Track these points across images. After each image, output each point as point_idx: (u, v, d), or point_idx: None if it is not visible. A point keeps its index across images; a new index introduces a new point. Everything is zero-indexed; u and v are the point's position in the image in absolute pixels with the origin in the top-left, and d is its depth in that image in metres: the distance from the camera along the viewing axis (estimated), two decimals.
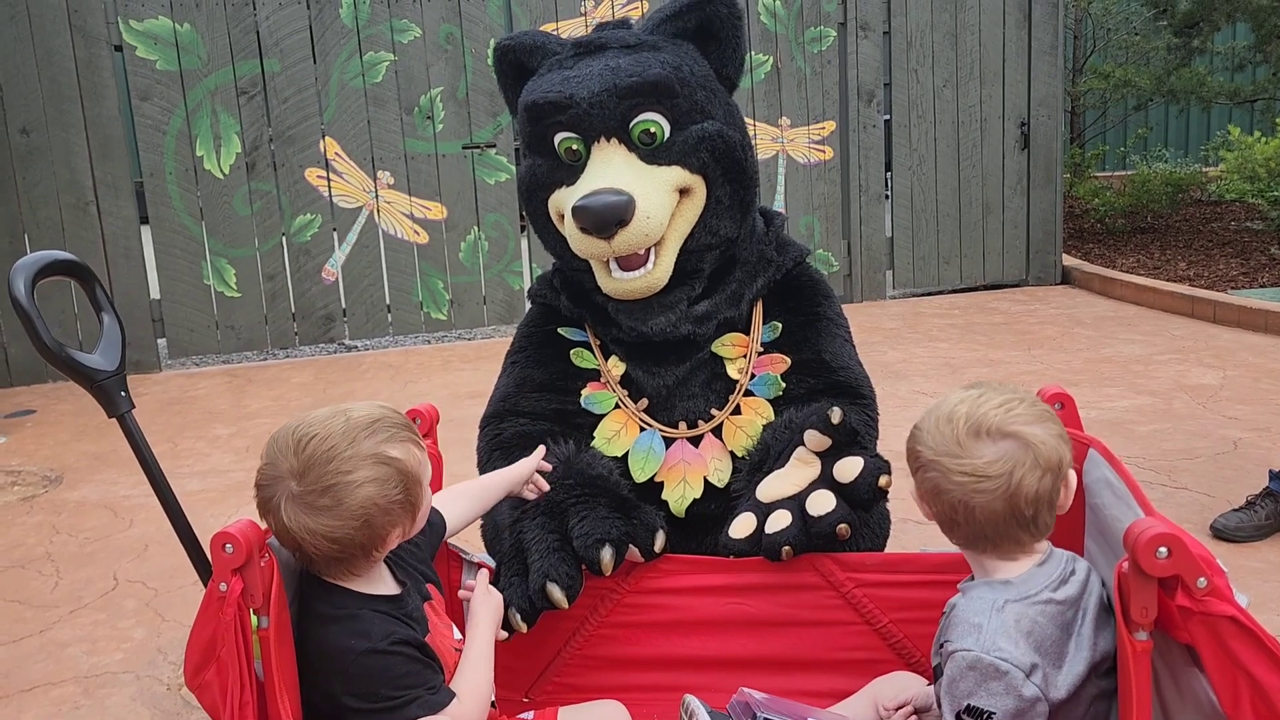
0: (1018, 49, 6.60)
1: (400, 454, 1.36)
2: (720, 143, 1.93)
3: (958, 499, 1.28)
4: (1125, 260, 6.98)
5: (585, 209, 1.82)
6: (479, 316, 6.17)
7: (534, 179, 2.02)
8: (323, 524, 1.31)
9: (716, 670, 1.74)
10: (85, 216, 5.57)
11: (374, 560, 1.39)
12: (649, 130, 1.90)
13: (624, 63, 1.90)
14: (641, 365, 2.03)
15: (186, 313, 5.78)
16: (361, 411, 1.38)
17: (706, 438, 1.99)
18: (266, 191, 5.80)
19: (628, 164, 1.89)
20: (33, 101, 5.42)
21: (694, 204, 1.95)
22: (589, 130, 1.91)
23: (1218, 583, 1.06)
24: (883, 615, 1.71)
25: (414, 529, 1.42)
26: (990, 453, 1.27)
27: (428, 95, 5.92)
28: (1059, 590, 1.29)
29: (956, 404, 1.31)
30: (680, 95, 1.90)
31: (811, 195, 6.50)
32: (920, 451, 1.31)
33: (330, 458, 1.31)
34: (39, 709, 2.42)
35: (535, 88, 1.98)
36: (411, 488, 1.37)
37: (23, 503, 3.82)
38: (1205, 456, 3.56)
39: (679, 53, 1.96)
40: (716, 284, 2.03)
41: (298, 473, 1.32)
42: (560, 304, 2.12)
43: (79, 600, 2.98)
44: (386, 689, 1.32)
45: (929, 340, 5.53)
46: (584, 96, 1.88)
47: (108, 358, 1.49)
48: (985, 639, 1.24)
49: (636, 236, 1.84)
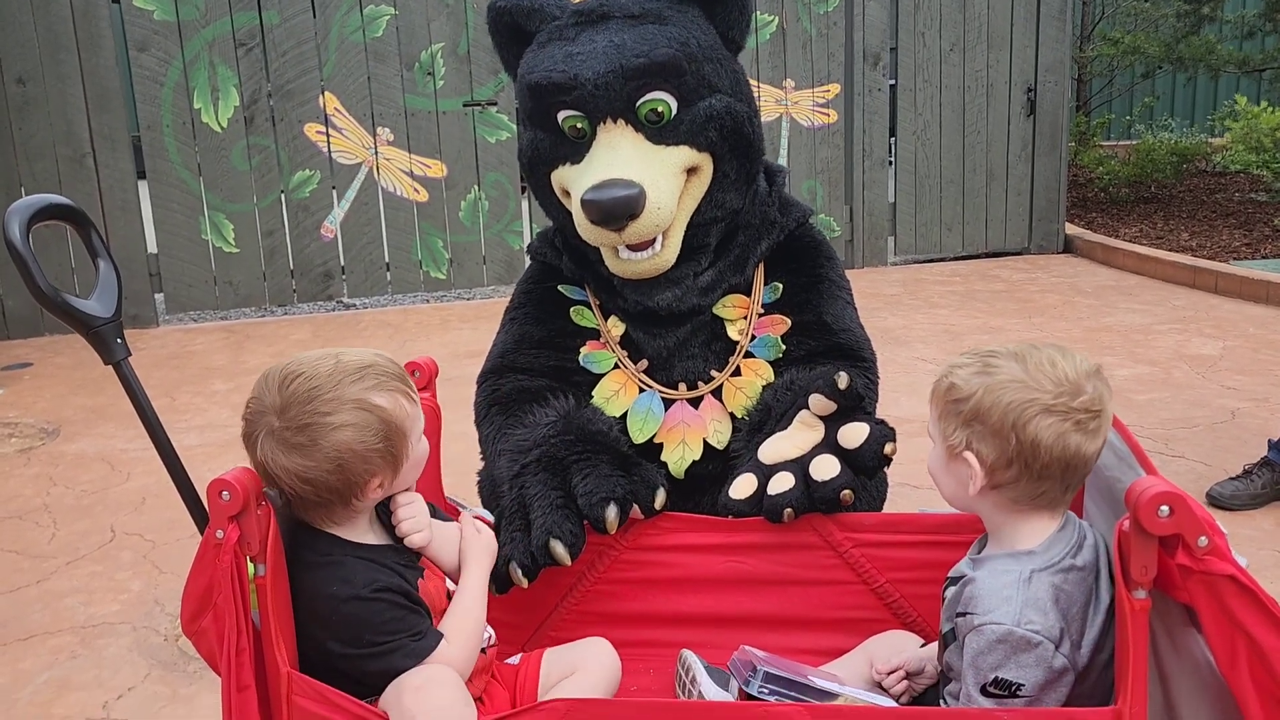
0: (1026, 14, 6.53)
1: (385, 403, 1.35)
2: (729, 119, 1.89)
3: (1078, 443, 1.26)
4: (1128, 230, 6.95)
5: (596, 204, 1.78)
6: (478, 276, 6.14)
7: (536, 153, 1.97)
8: (296, 463, 1.31)
9: (713, 627, 1.74)
10: (82, 169, 5.52)
11: (355, 510, 1.39)
12: (656, 110, 1.85)
13: (629, 39, 1.84)
14: (642, 327, 2.01)
15: (184, 268, 5.75)
16: (353, 356, 1.38)
17: (706, 399, 1.98)
18: (265, 146, 5.75)
19: (635, 147, 1.84)
20: (29, 51, 5.36)
21: (700, 181, 1.92)
22: (594, 111, 1.86)
23: (1219, 542, 1.05)
24: (880, 575, 1.71)
25: (397, 482, 1.40)
26: (1094, 389, 1.29)
27: (429, 51, 5.85)
28: (1078, 556, 1.29)
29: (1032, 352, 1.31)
30: (688, 73, 1.85)
31: (814, 159, 6.45)
32: (1036, 399, 1.26)
33: (311, 397, 1.32)
34: (36, 658, 2.43)
35: (536, 64, 1.92)
36: (394, 438, 1.35)
37: (20, 454, 3.82)
38: (1203, 426, 3.56)
39: (685, 23, 1.89)
40: (721, 251, 2.01)
41: (279, 409, 1.33)
42: (562, 264, 2.09)
43: (76, 552, 2.98)
44: (370, 634, 1.32)
45: (929, 307, 5.51)
46: (589, 77, 1.82)
47: (104, 304, 1.48)
48: (1016, 611, 1.23)
49: (647, 227, 1.81)
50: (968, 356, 1.36)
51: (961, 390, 1.31)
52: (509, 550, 1.67)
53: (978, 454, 1.30)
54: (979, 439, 1.29)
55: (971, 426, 1.30)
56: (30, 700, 2.26)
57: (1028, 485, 1.29)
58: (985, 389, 1.29)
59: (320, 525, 1.39)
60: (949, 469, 1.35)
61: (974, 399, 1.29)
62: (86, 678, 2.34)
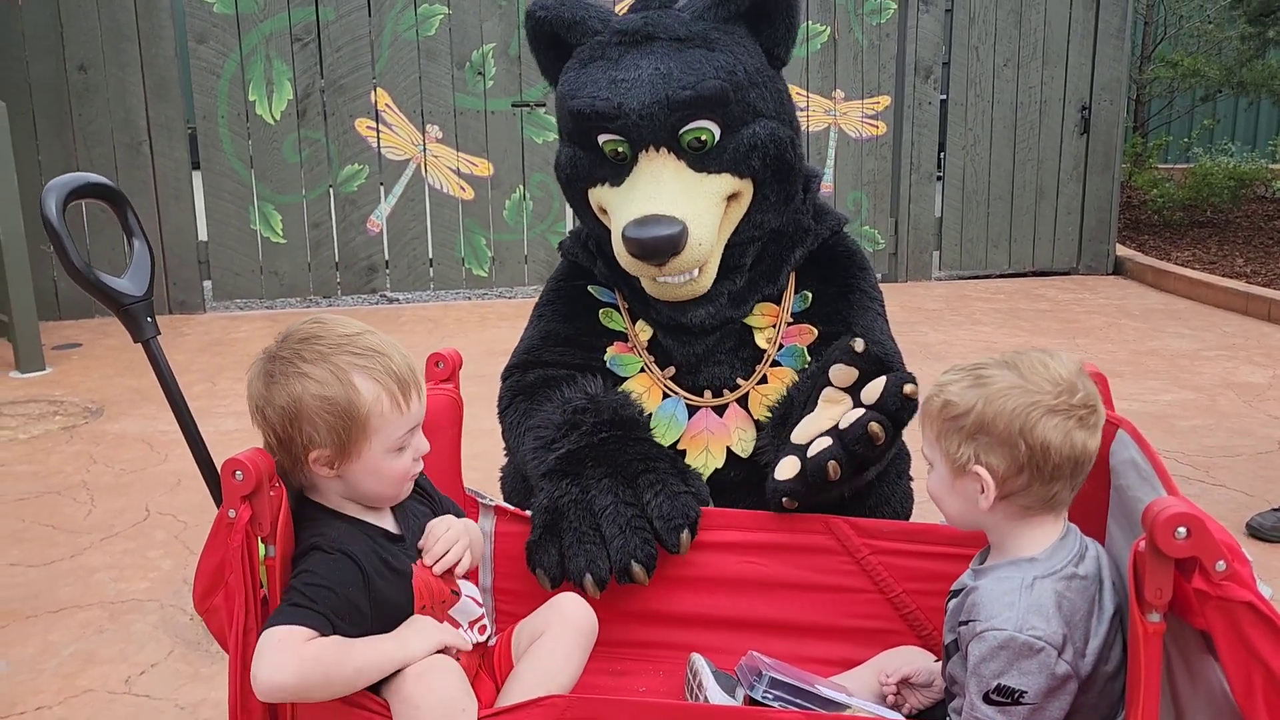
0: (1084, 30, 6.43)
1: (363, 388, 1.32)
2: (772, 147, 1.87)
3: (1083, 439, 1.27)
4: (1181, 253, 6.81)
5: (638, 241, 1.76)
6: (519, 275, 6.18)
7: (575, 170, 1.95)
8: (259, 391, 1.34)
9: (725, 630, 1.73)
10: (138, 157, 5.63)
11: (307, 479, 1.37)
12: (699, 138, 1.83)
13: (676, 68, 1.80)
14: (671, 334, 2.00)
15: (232, 256, 5.85)
16: (375, 339, 1.37)
17: (731, 407, 1.96)
18: (315, 140, 5.83)
19: (677, 177, 1.82)
20: (91, 39, 5.48)
21: (740, 206, 1.90)
22: (637, 138, 1.84)
23: (1238, 568, 1.02)
24: (897, 585, 1.68)
25: (346, 474, 1.35)
26: (1087, 386, 1.30)
27: (480, 51, 5.90)
28: (1080, 565, 1.28)
29: (1021, 359, 1.31)
30: (733, 102, 1.83)
31: (861, 170, 6.40)
32: (1039, 401, 1.25)
33: (306, 342, 1.34)
34: (65, 630, 2.48)
35: (579, 87, 1.88)
36: (351, 424, 1.31)
37: (63, 431, 3.90)
38: (1246, 455, 3.48)
39: (732, 46, 1.86)
40: (755, 264, 1.99)
41: (282, 337, 1.36)
42: (595, 268, 2.08)
43: (110, 529, 3.04)
44: (297, 581, 1.30)
45: (971, 323, 5.45)
46: (634, 107, 1.80)
47: (136, 283, 1.50)
48: (1019, 617, 1.22)
49: (687, 262, 1.81)
50: (954, 373, 1.35)
51: (959, 406, 1.30)
52: (582, 564, 1.65)
53: (988, 466, 1.28)
54: (986, 451, 1.28)
55: (977, 439, 1.29)
56: (56, 671, 2.31)
57: (1040, 489, 1.28)
58: (985, 400, 1.28)
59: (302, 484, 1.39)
60: (955, 488, 1.33)
61: (974, 412, 1.28)
62: (112, 652, 2.38)
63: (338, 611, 1.28)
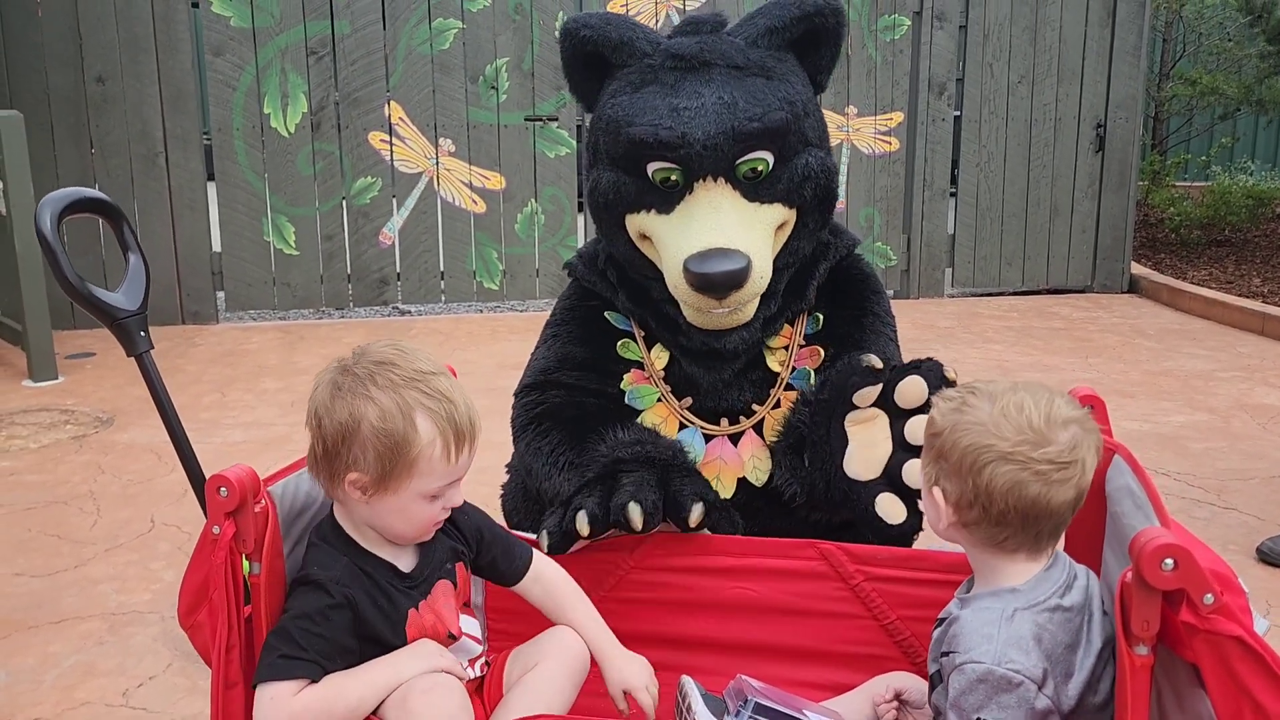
0: (1099, 48, 6.41)
1: (423, 429, 1.32)
2: (823, 178, 1.87)
3: (1037, 492, 1.22)
4: (1197, 272, 6.76)
5: (705, 276, 1.73)
6: (531, 289, 6.18)
7: (618, 196, 1.89)
8: (323, 399, 1.33)
9: (717, 653, 1.71)
10: (154, 167, 5.68)
11: (341, 499, 1.37)
12: (755, 168, 1.82)
13: (740, 98, 1.78)
14: (697, 360, 1.96)
15: (245, 268, 5.88)
16: (445, 382, 1.36)
17: (747, 434, 1.94)
18: (329, 152, 5.86)
19: (734, 208, 1.80)
20: (109, 51, 5.54)
21: (784, 234, 1.90)
22: (695, 169, 1.80)
23: (1227, 601, 1.00)
24: (890, 611, 1.67)
25: (375, 504, 1.35)
26: (1065, 438, 1.23)
27: (493, 65, 5.93)
28: (1065, 596, 1.26)
29: (1007, 394, 1.26)
30: (792, 133, 1.82)
31: (874, 187, 6.39)
32: (992, 445, 1.22)
33: (381, 367, 1.33)
34: (65, 641, 2.48)
35: (636, 114, 1.82)
36: (398, 459, 1.31)
37: (73, 441, 3.92)
38: (1259, 478, 3.44)
39: (788, 75, 1.85)
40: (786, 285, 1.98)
41: (359, 354, 1.36)
42: (617, 300, 2.03)
43: (115, 540, 3.05)
44: (289, 618, 1.30)
45: (983, 342, 5.41)
46: (699, 138, 1.76)
47: (130, 297, 1.51)
48: (996, 650, 1.20)
49: (749, 296, 1.80)
50: (956, 391, 1.33)
51: (936, 425, 1.30)
52: (580, 501, 1.64)
53: (944, 490, 1.28)
54: (944, 476, 1.28)
55: (939, 463, 1.29)
56: (54, 684, 2.31)
57: (988, 529, 1.26)
58: (952, 427, 1.27)
59: (331, 497, 1.39)
60: (929, 501, 1.33)
61: (943, 436, 1.28)
62: (111, 664, 2.39)
63: (328, 654, 1.30)
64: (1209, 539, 2.96)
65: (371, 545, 1.40)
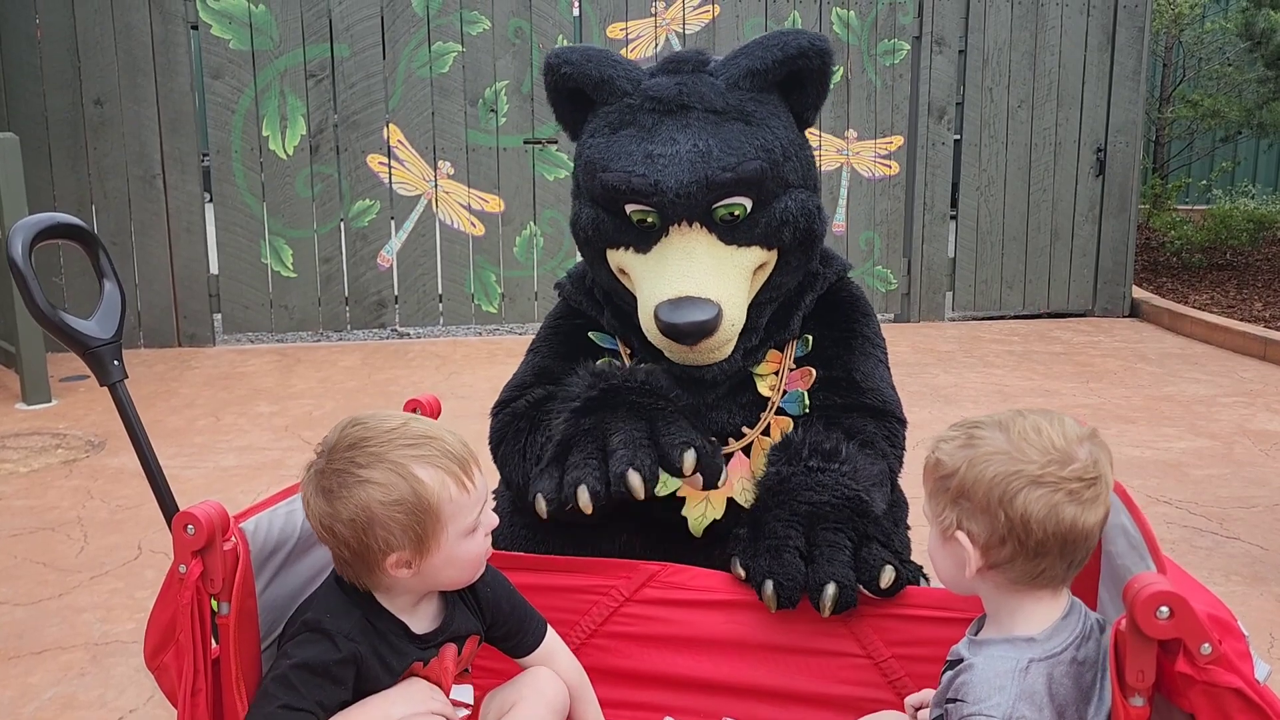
0: (1099, 73, 6.40)
1: (427, 478, 1.28)
2: (803, 220, 1.84)
3: (1073, 514, 1.17)
4: (1199, 296, 6.73)
5: (673, 326, 1.72)
6: (529, 312, 6.16)
7: (598, 232, 1.88)
8: (321, 508, 1.27)
9: (706, 694, 1.67)
10: (151, 190, 5.67)
11: (380, 583, 1.32)
12: (733, 212, 1.79)
13: (715, 146, 1.75)
14: (680, 384, 1.92)
15: (243, 290, 5.86)
16: (423, 426, 1.32)
17: (736, 456, 1.91)
18: (328, 175, 5.85)
19: (709, 252, 1.78)
20: (108, 74, 5.54)
21: (764, 273, 1.87)
22: (671, 215, 1.79)
23: (1226, 650, 0.96)
24: (885, 649, 1.62)
25: (424, 569, 1.31)
26: (1086, 454, 1.19)
27: (493, 88, 5.93)
28: (1081, 649, 1.20)
29: (1017, 420, 1.23)
30: (769, 178, 1.79)
31: (874, 210, 6.37)
32: (1021, 470, 1.17)
33: (356, 446, 1.28)
34: (46, 673, 2.44)
35: (611, 159, 1.81)
36: (424, 517, 1.27)
37: (63, 465, 3.89)
38: (1262, 506, 3.39)
39: (769, 119, 1.82)
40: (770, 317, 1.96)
41: (329, 448, 1.30)
42: (602, 318, 2.02)
43: (101, 567, 3.01)
44: (291, 666, 1.26)
45: (984, 366, 5.37)
46: (671, 186, 1.74)
47: (104, 326, 1.48)
48: (1008, 704, 1.15)
49: (720, 344, 1.78)
50: (955, 429, 1.28)
51: (946, 466, 1.23)
52: (580, 474, 1.60)
53: (969, 533, 1.21)
54: (968, 517, 1.21)
55: (959, 504, 1.22)
56: (33, 716, 2.26)
57: (1025, 564, 1.20)
58: (969, 463, 1.21)
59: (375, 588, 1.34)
60: (945, 551, 1.26)
61: (959, 474, 1.21)
62: (91, 696, 2.34)
63: (327, 706, 1.27)
64: (1211, 569, 2.92)
65: (387, 602, 1.35)
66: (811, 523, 1.67)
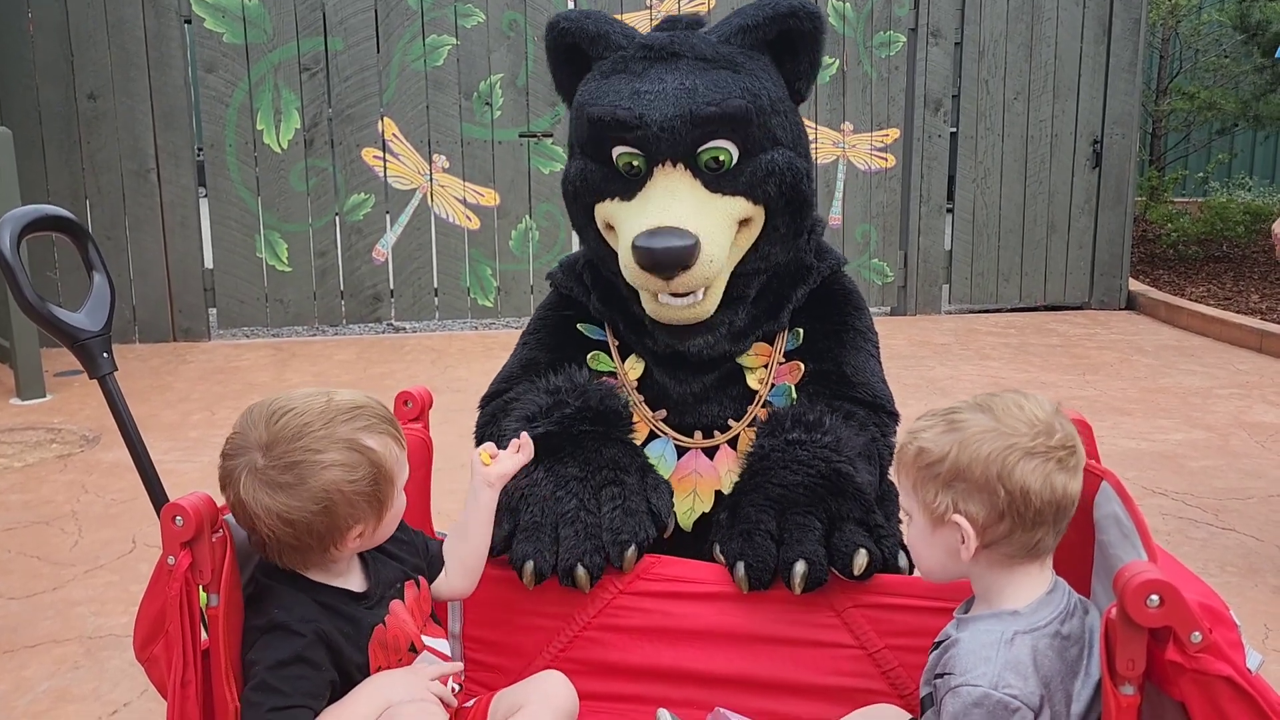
0: (1095, 64, 6.39)
1: (376, 445, 1.31)
2: (789, 176, 1.84)
3: (1064, 482, 1.22)
4: (1195, 289, 6.73)
5: (649, 251, 1.72)
6: (525, 305, 6.15)
7: (584, 183, 1.91)
8: (280, 503, 1.26)
9: (699, 685, 1.66)
10: (145, 184, 5.66)
11: (332, 558, 1.34)
12: (717, 158, 1.79)
13: (701, 85, 1.78)
14: (667, 371, 1.95)
15: (237, 284, 5.85)
16: (345, 396, 1.34)
17: (722, 449, 1.91)
18: (322, 169, 5.84)
19: (692, 193, 1.79)
20: (101, 68, 5.52)
21: (750, 233, 1.87)
22: (655, 152, 1.80)
23: (1217, 638, 0.96)
24: (878, 639, 1.62)
25: (378, 531, 1.36)
26: (1063, 425, 1.25)
27: (487, 81, 5.91)
28: (1065, 624, 1.22)
29: (993, 400, 1.27)
30: (755, 124, 1.80)
31: (870, 203, 6.36)
32: (1015, 444, 1.21)
33: (301, 434, 1.27)
34: (40, 666, 2.44)
35: (600, 95, 1.85)
36: (382, 483, 1.31)
37: (58, 460, 3.88)
38: (1258, 497, 3.39)
39: (756, 72, 1.83)
40: (756, 299, 1.95)
41: (264, 445, 1.28)
42: (590, 303, 2.03)
43: (95, 560, 3.00)
44: (260, 669, 1.26)
45: (980, 358, 5.37)
46: (655, 119, 1.76)
47: (93, 318, 1.47)
48: (994, 673, 1.17)
49: (697, 280, 1.76)
50: (928, 418, 1.30)
51: (934, 452, 1.25)
52: (527, 550, 1.66)
53: (967, 514, 1.23)
54: (965, 498, 1.23)
55: (954, 487, 1.24)
56: (26, 710, 2.26)
57: (1022, 537, 1.23)
58: (959, 445, 1.23)
59: (295, 569, 1.34)
60: (934, 539, 1.28)
61: (949, 458, 1.23)
62: (85, 689, 2.34)
63: (315, 693, 1.27)
64: (1206, 561, 2.92)
65: (321, 577, 1.36)
66: (783, 506, 1.69)
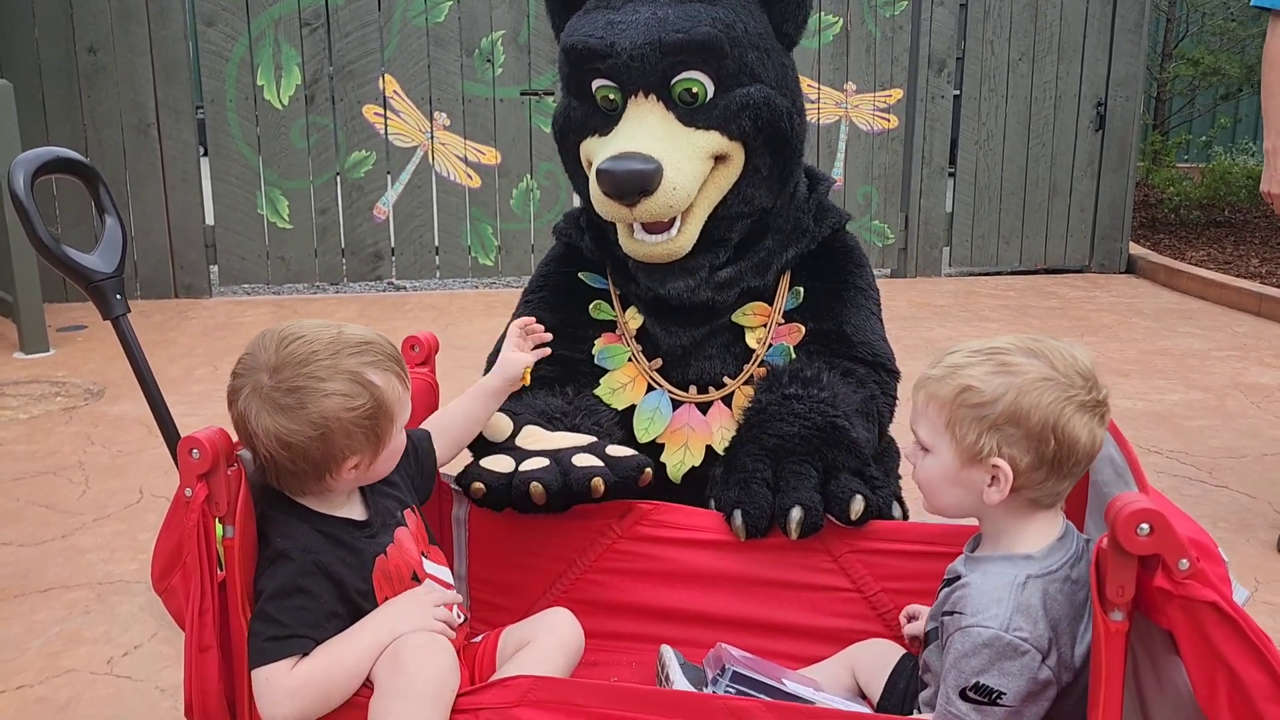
0: (1100, 25, 6.35)
1: (380, 381, 1.34)
2: (765, 111, 1.83)
3: (1099, 434, 1.25)
4: (1195, 253, 6.73)
5: (609, 174, 1.73)
6: (526, 264, 6.15)
7: (568, 121, 1.95)
8: (279, 424, 1.29)
9: (699, 625, 1.70)
10: (146, 139, 5.64)
11: (327, 486, 1.36)
12: (690, 90, 1.80)
13: (672, 14, 1.79)
14: (660, 321, 1.97)
15: (239, 241, 5.85)
16: (355, 331, 1.37)
17: (716, 405, 1.93)
18: (323, 125, 5.82)
19: (662, 124, 1.80)
20: (101, 21, 5.49)
21: (729, 171, 1.86)
22: (627, 82, 1.82)
23: (1204, 567, 0.99)
24: (874, 583, 1.66)
25: (374, 467, 1.38)
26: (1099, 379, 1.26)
27: (489, 38, 5.88)
28: (1075, 569, 1.24)
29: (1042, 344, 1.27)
30: (728, 56, 1.79)
31: (872, 164, 6.35)
32: (1074, 396, 1.21)
33: (308, 360, 1.31)
34: (51, 610, 2.48)
35: (577, 28, 1.89)
36: (381, 419, 1.34)
37: (63, 412, 3.91)
38: (1252, 457, 3.43)
39: (735, 7, 1.84)
40: (744, 251, 1.95)
41: (272, 367, 1.31)
42: (584, 245, 2.06)
43: (103, 510, 3.04)
44: (264, 599, 1.29)
45: (979, 320, 5.39)
46: (625, 47, 1.79)
47: (106, 260, 1.49)
48: (1005, 616, 1.19)
49: (660, 207, 1.76)
50: (967, 354, 1.27)
51: (983, 392, 1.23)
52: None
53: (1009, 459, 1.22)
54: (1011, 443, 1.22)
55: (1002, 430, 1.22)
56: (39, 650, 2.30)
57: (1054, 484, 1.24)
58: (1018, 391, 1.21)
59: (291, 494, 1.38)
60: (960, 477, 1.27)
61: (1004, 401, 1.21)
62: (96, 632, 2.38)
63: (314, 624, 1.30)
64: (1199, 516, 2.96)
65: (322, 507, 1.39)
66: (779, 455, 1.70)
